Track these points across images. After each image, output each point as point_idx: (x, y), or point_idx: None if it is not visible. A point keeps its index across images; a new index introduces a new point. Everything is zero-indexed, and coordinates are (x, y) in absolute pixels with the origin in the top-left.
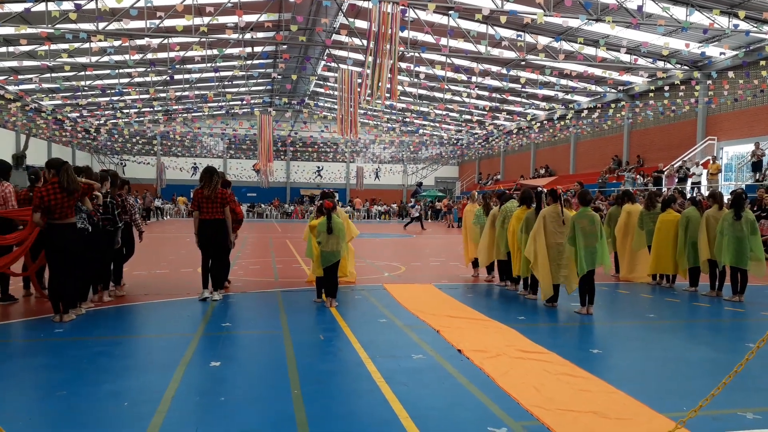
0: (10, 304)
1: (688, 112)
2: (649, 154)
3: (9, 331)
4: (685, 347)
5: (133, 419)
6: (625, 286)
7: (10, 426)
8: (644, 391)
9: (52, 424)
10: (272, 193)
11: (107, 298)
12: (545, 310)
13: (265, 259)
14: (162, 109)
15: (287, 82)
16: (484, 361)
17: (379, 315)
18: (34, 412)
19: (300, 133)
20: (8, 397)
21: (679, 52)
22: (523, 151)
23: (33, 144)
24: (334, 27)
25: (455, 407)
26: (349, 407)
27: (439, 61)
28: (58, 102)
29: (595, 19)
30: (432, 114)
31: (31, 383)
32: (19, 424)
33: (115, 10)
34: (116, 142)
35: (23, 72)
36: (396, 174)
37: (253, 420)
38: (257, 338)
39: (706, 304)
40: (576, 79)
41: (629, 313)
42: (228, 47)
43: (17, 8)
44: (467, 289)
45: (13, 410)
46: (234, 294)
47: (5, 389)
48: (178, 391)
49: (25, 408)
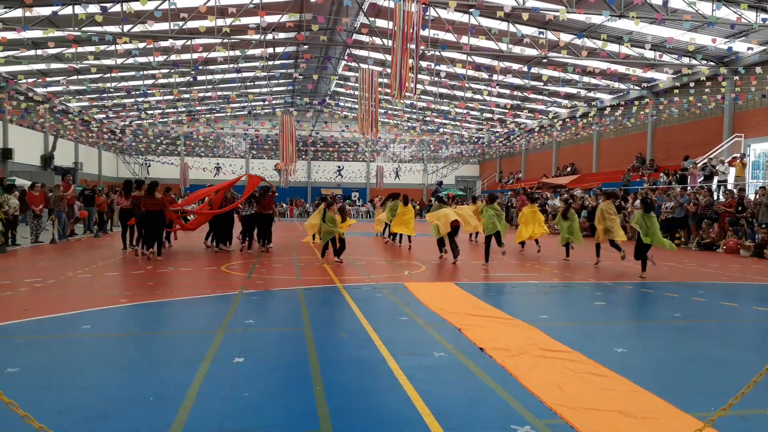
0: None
1: (714, 109)
2: (674, 152)
3: (14, 330)
4: (711, 347)
5: (159, 413)
6: (650, 285)
7: (41, 418)
8: (670, 390)
9: (80, 416)
10: (293, 193)
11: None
12: (568, 308)
13: (287, 257)
14: (185, 109)
15: (308, 82)
16: (507, 359)
17: (400, 313)
18: (63, 405)
19: (321, 132)
20: (35, 392)
21: (705, 48)
22: (544, 149)
23: (60, 145)
24: (354, 26)
25: (477, 405)
26: (371, 403)
27: (459, 60)
28: (84, 103)
29: (619, 15)
30: (452, 112)
31: (59, 378)
32: (50, 416)
33: (139, 13)
34: (141, 142)
35: (51, 74)
36: (416, 173)
37: (276, 415)
38: (280, 335)
39: (733, 303)
40: (599, 76)
41: (654, 312)
42: (250, 48)
43: (45, 12)
44: (488, 287)
45: (44, 402)
46: (257, 291)
47: (38, 382)
48: (203, 385)
49: (55, 401)
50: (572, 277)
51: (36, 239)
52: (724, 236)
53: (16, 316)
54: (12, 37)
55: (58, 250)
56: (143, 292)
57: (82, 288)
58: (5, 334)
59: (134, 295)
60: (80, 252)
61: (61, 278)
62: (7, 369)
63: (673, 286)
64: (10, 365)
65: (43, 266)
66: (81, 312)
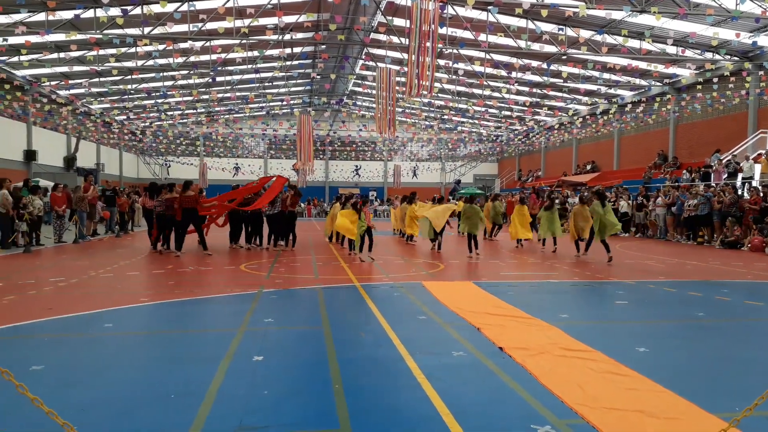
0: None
1: (739, 105)
2: (697, 149)
3: (39, 329)
4: (735, 347)
5: (180, 410)
6: (671, 284)
7: (65, 415)
8: (693, 390)
9: (103, 414)
10: (312, 193)
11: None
12: (589, 307)
13: (305, 257)
14: (205, 110)
15: (326, 82)
16: (526, 358)
17: (419, 312)
18: (86, 403)
19: (338, 132)
20: (59, 390)
21: (728, 43)
22: (564, 147)
23: (83, 146)
24: (372, 25)
25: (497, 404)
26: (390, 402)
27: (478, 57)
28: (106, 105)
29: (640, 10)
30: (471, 110)
31: (82, 375)
32: (74, 413)
33: (159, 15)
34: (161, 143)
35: (73, 77)
36: (434, 172)
37: (295, 413)
38: (298, 334)
39: (758, 303)
40: (620, 72)
41: (677, 312)
42: (268, 48)
43: (68, 15)
44: (507, 286)
45: (68, 399)
46: (276, 291)
47: (62, 380)
48: (223, 383)
49: (79, 398)
50: (593, 276)
51: (59, 239)
52: (749, 234)
53: (40, 314)
54: (36, 40)
55: (80, 250)
56: (164, 291)
57: (104, 287)
58: (30, 332)
59: (155, 294)
60: (102, 252)
61: (84, 278)
62: (32, 367)
63: (697, 285)
64: (34, 363)
65: (66, 266)
66: (103, 311)
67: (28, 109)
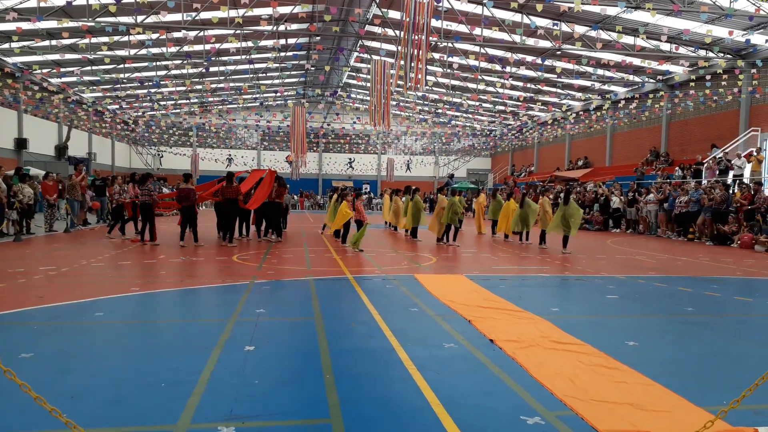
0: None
1: (731, 103)
2: (689, 146)
3: (29, 317)
4: (724, 341)
5: (171, 399)
6: (662, 279)
7: (55, 401)
8: (682, 383)
9: (93, 401)
10: (305, 185)
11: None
12: (580, 301)
13: (298, 248)
14: (198, 100)
15: (320, 74)
16: (517, 351)
17: (411, 304)
18: (76, 390)
19: (332, 124)
20: (49, 377)
21: (722, 40)
22: (557, 142)
23: (74, 135)
24: (367, 17)
25: (487, 396)
26: (381, 393)
27: (472, 51)
28: (98, 94)
29: (635, 6)
30: (465, 105)
31: (72, 363)
32: (64, 400)
33: (153, 3)
34: (153, 133)
35: (65, 65)
36: (427, 165)
37: (286, 402)
38: (290, 324)
39: (747, 298)
40: (613, 68)
41: (667, 306)
42: (262, 39)
43: (59, 2)
44: (499, 280)
45: (57, 386)
46: (268, 281)
47: (51, 367)
48: (214, 373)
49: (69, 385)
50: (584, 270)
51: (50, 228)
52: (739, 231)
53: (30, 303)
54: (27, 27)
55: (71, 239)
56: (156, 280)
57: (95, 276)
58: (20, 320)
59: (147, 284)
60: (93, 241)
61: (75, 266)
62: (21, 354)
63: (687, 281)
64: (24, 351)
65: (57, 254)
66: (94, 299)
67: (18, 96)
